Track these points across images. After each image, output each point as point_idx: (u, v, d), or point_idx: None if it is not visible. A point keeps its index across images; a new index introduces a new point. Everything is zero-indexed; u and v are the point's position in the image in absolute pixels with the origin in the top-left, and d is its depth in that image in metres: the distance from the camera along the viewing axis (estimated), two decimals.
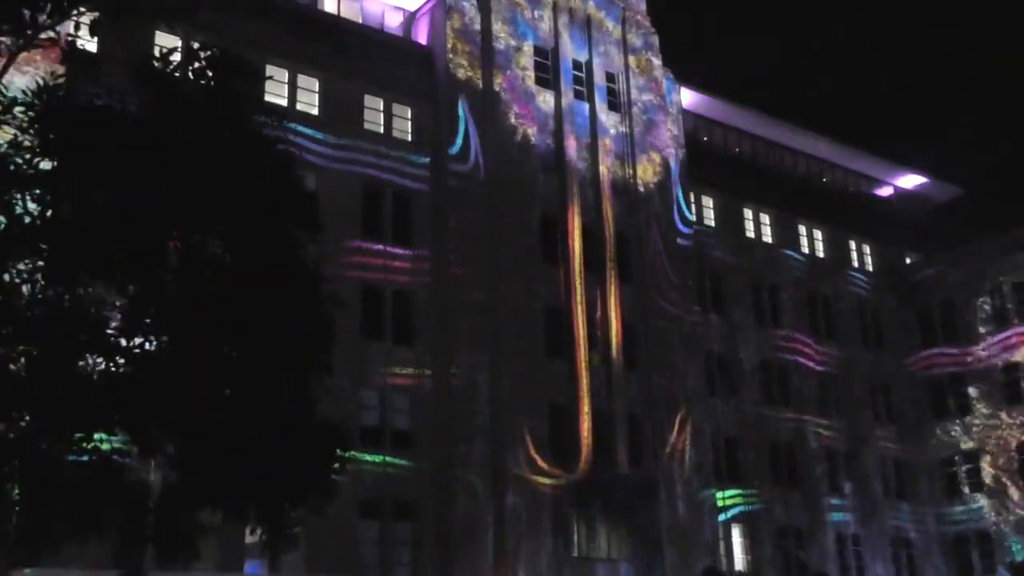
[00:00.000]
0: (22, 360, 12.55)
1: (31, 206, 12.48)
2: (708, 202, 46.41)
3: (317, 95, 35.56)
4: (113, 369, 12.99)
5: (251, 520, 15.13)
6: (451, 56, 37.42)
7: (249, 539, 26.07)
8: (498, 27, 38.53)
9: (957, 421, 49.06)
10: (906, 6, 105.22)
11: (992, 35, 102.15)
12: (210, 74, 14.60)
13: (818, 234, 50.76)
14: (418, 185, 36.37)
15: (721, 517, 40.46)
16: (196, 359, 13.20)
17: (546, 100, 39.29)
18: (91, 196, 12.82)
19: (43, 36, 13.37)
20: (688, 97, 46.47)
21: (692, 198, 44.24)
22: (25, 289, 12.50)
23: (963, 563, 47.68)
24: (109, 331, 12.97)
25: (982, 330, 49.25)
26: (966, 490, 48.31)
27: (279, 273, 14.18)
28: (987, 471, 47.74)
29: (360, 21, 38.43)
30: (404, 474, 33.16)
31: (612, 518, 36.26)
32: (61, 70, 16.37)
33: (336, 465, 16.11)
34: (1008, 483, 46.92)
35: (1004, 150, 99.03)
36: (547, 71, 39.89)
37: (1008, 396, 47.89)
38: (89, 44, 20.82)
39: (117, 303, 13.13)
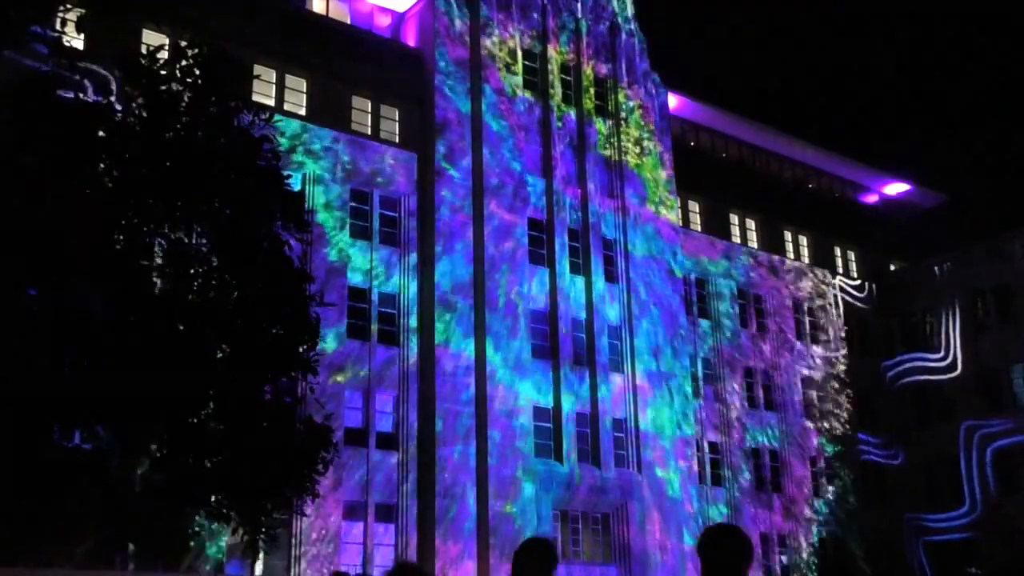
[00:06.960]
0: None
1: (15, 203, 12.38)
2: (694, 207, 46.55)
3: (305, 95, 35.50)
4: (96, 365, 12.91)
5: (233, 520, 15.06)
6: (439, 58, 37.40)
7: (231, 539, 25.96)
8: (486, 30, 38.54)
9: (939, 427, 49.20)
10: (892, 13, 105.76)
11: (977, 43, 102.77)
12: (198, 72, 14.57)
13: (803, 240, 50.95)
14: (405, 186, 36.32)
15: (703, 522, 40.46)
16: (180, 357, 13.14)
17: (533, 103, 39.32)
18: (75, 192, 12.74)
19: (29, 32, 13.30)
20: (675, 102, 46.55)
21: (679, 202, 44.33)
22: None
23: (945, 570, 47.77)
24: (93, 327, 12.88)
25: (965, 336, 49.46)
26: (948, 497, 48.44)
27: (265, 272, 14.14)
28: (968, 478, 47.86)
29: (348, 22, 38.37)
30: (388, 475, 33.10)
31: (595, 522, 36.29)
32: (47, 66, 16.28)
33: (320, 466, 16.09)
34: (990, 490, 47.08)
35: (987, 157, 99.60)
36: (535, 74, 39.93)
37: (990, 403, 48.07)
38: (76, 41, 20.69)
39: (102, 300, 13.06)
